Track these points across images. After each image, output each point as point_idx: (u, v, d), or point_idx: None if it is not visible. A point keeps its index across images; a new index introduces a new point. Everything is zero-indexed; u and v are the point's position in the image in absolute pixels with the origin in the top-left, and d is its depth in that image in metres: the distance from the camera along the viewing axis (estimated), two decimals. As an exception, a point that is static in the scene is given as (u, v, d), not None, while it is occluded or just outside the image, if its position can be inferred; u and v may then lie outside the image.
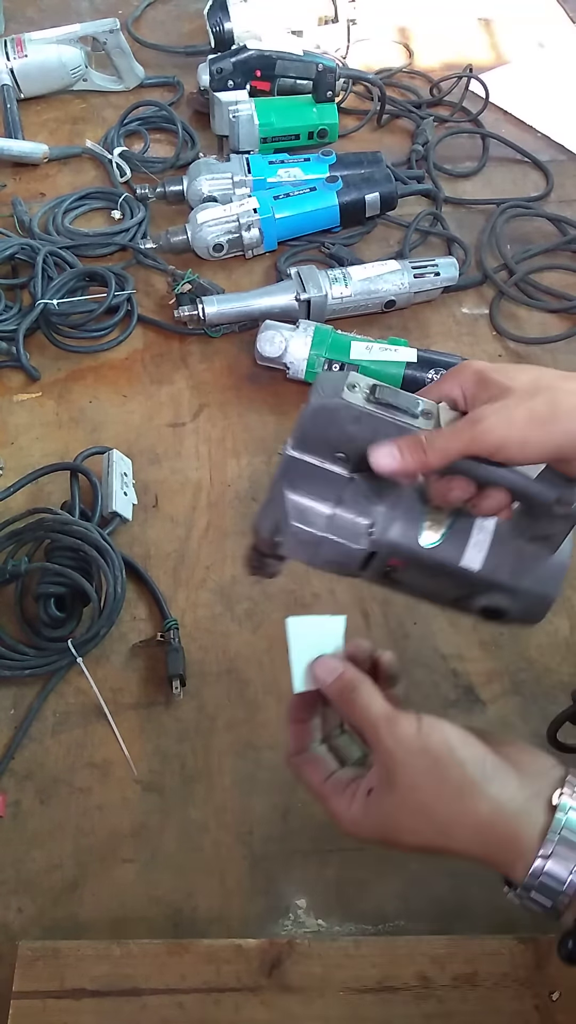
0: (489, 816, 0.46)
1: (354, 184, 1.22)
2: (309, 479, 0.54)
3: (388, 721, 0.49)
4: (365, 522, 0.55)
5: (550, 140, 1.41)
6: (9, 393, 1.07)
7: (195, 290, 1.12)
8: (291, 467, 0.54)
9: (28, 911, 0.71)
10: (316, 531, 0.55)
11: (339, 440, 0.52)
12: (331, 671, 0.52)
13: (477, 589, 0.55)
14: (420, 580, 0.56)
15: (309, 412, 0.51)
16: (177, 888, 0.72)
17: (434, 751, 0.47)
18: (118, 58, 1.46)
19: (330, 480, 0.54)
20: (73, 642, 0.82)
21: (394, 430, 0.50)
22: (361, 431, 0.51)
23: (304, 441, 0.53)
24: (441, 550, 0.54)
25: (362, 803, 0.49)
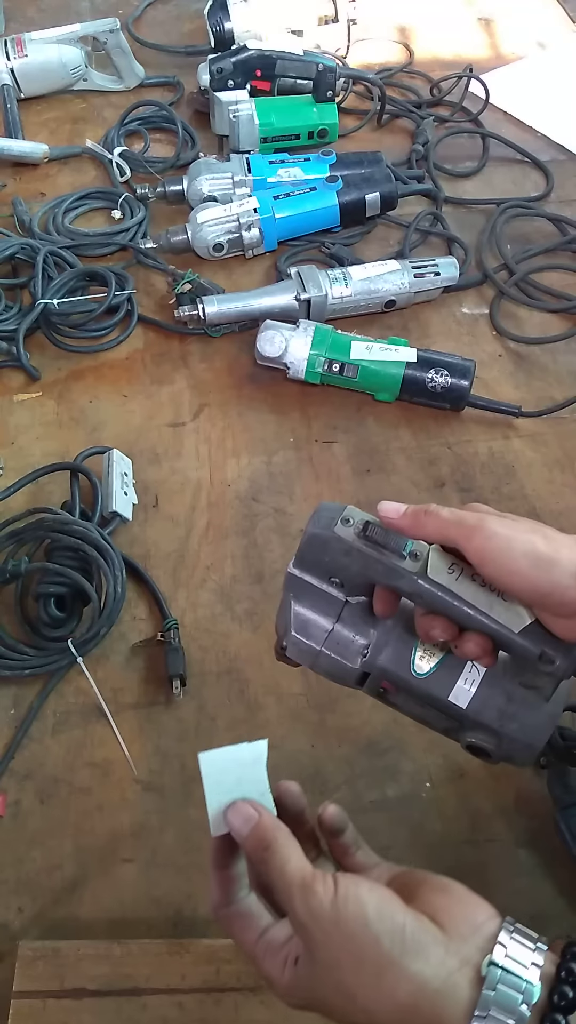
0: (410, 998, 0.42)
1: (354, 184, 1.22)
2: (309, 596, 0.57)
3: (302, 890, 0.44)
4: (361, 642, 0.57)
5: (550, 140, 1.41)
6: (9, 393, 1.07)
7: (195, 290, 1.12)
8: (292, 583, 0.58)
9: (28, 911, 0.71)
10: (315, 644, 0.58)
11: (332, 567, 0.55)
12: (246, 820, 0.48)
13: (464, 725, 0.56)
14: (411, 706, 0.59)
15: (305, 539, 0.55)
16: (177, 888, 0.72)
17: (348, 926, 0.43)
18: (118, 58, 1.46)
19: (328, 600, 0.57)
20: (73, 642, 0.82)
21: (381, 567, 0.53)
22: (351, 563, 0.54)
23: (302, 562, 0.56)
24: (430, 682, 0.56)
25: (292, 971, 0.45)
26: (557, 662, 0.50)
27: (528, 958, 0.43)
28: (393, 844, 0.73)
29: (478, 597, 0.51)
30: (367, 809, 0.76)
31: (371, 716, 0.81)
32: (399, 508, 0.52)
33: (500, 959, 0.42)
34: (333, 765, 0.78)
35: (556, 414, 1.03)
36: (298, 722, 0.81)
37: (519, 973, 0.42)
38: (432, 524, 0.51)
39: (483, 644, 0.51)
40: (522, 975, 0.42)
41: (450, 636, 0.52)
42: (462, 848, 0.74)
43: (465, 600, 0.51)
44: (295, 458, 1.01)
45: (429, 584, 0.51)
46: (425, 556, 0.52)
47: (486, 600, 0.51)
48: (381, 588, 0.55)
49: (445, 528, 0.50)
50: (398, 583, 0.52)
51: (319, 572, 0.56)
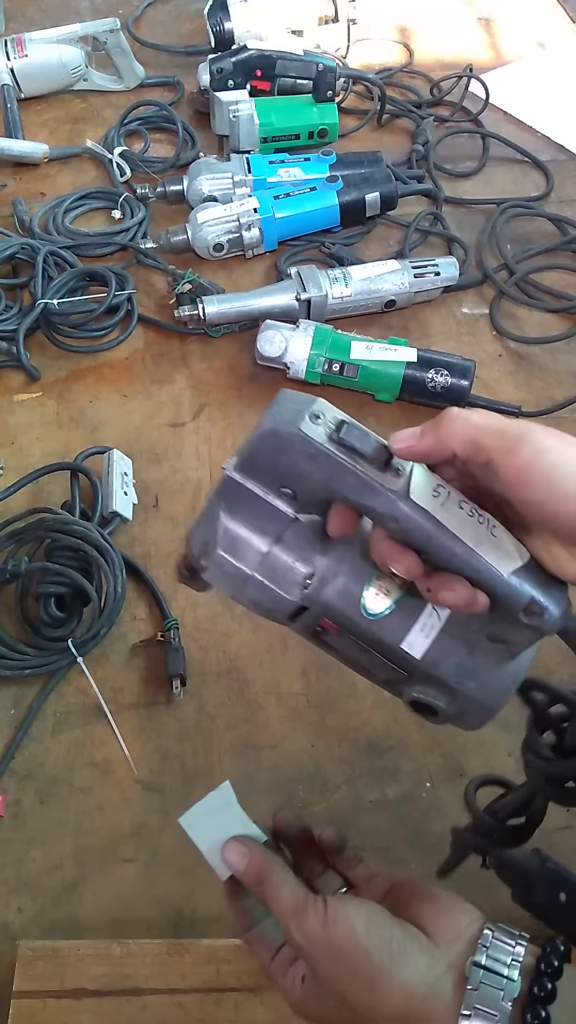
0: (402, 1004, 0.45)
1: (354, 184, 1.22)
2: (248, 507, 0.47)
3: (295, 915, 0.48)
4: (303, 571, 0.48)
5: (550, 140, 1.41)
6: (9, 393, 1.07)
7: (195, 290, 1.12)
8: (230, 489, 0.47)
9: (28, 911, 0.71)
10: (245, 567, 0.48)
11: (288, 475, 0.45)
12: (240, 857, 0.51)
13: (413, 678, 0.48)
14: (351, 651, 0.50)
15: (259, 434, 0.44)
16: (177, 888, 0.72)
17: (339, 944, 0.46)
18: (118, 58, 1.46)
19: (271, 514, 0.47)
20: (73, 642, 0.82)
21: (353, 480, 0.43)
22: (314, 471, 0.43)
23: (249, 465, 0.46)
24: (382, 625, 0.48)
25: (301, 988, 0.49)
26: (545, 614, 0.42)
27: (508, 956, 0.45)
28: (393, 844, 0.73)
29: (465, 529, 0.42)
30: (367, 809, 0.76)
31: (371, 716, 0.81)
32: (414, 431, 0.42)
33: (482, 959, 0.45)
34: (333, 765, 0.78)
35: (556, 414, 1.03)
36: (298, 722, 0.81)
37: (500, 971, 0.45)
38: (461, 431, 0.41)
39: (462, 591, 0.43)
40: (503, 972, 0.44)
41: (418, 574, 0.43)
42: (462, 848, 0.74)
43: (451, 532, 0.42)
44: (295, 458, 1.01)
45: (410, 508, 0.42)
46: (408, 473, 0.43)
47: (473, 534, 0.43)
48: (344, 505, 0.45)
49: (478, 435, 0.40)
50: (371, 502, 0.43)
51: (267, 479, 0.46)
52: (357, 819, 0.75)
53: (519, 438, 0.40)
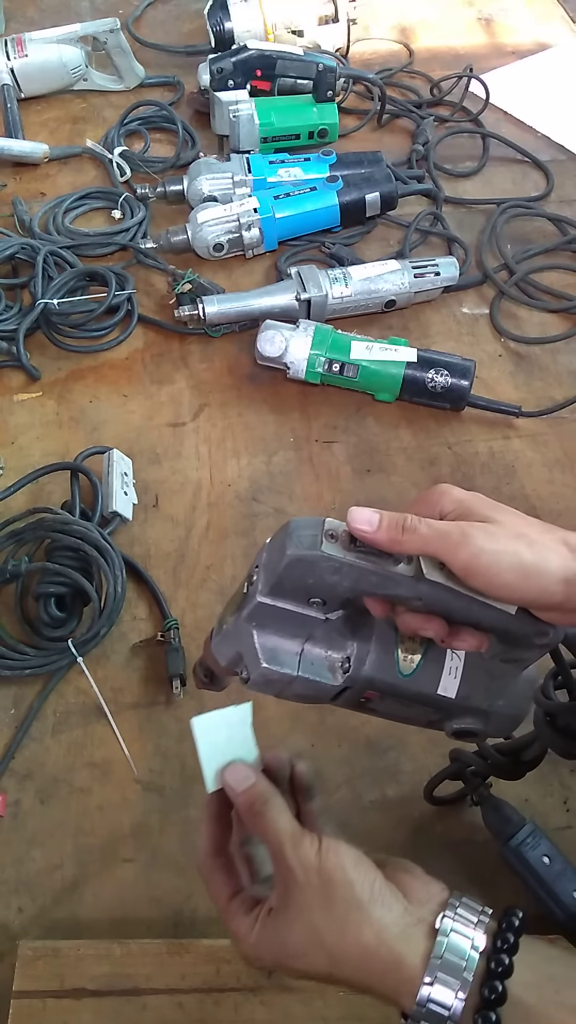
0: (373, 940, 0.46)
1: (354, 184, 1.22)
2: (280, 621, 0.52)
3: (292, 839, 0.49)
4: (339, 656, 0.54)
5: (550, 140, 1.41)
6: (9, 393, 1.07)
7: (195, 290, 1.12)
8: (261, 612, 0.52)
9: (28, 911, 0.71)
10: (289, 671, 0.53)
11: (316, 589, 0.50)
12: (242, 780, 0.52)
13: (452, 713, 0.55)
14: (394, 709, 0.56)
15: (285, 563, 0.49)
16: (177, 888, 0.72)
17: (327, 872, 0.48)
18: (118, 58, 1.46)
19: (303, 622, 0.53)
20: (73, 642, 0.82)
21: (376, 579, 0.49)
22: (341, 580, 0.49)
23: (279, 589, 0.51)
24: (418, 680, 0.54)
25: (262, 923, 0.50)
26: (551, 634, 0.51)
27: (475, 916, 0.48)
28: (393, 844, 0.73)
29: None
30: (367, 809, 0.76)
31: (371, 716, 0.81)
32: (372, 519, 0.48)
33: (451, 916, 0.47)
34: (333, 765, 0.78)
35: (556, 414, 1.03)
36: (298, 722, 0.81)
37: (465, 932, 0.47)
38: (412, 542, 0.48)
39: (472, 638, 0.51)
40: (467, 933, 0.47)
41: (444, 634, 0.51)
42: (462, 848, 0.74)
43: (464, 594, 0.48)
44: (295, 458, 1.01)
45: (428, 586, 0.49)
46: (417, 561, 0.50)
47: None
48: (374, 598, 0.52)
49: (427, 545, 0.48)
50: (395, 591, 0.49)
51: (298, 596, 0.51)
52: (357, 819, 0.75)
53: (459, 545, 0.47)
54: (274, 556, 0.51)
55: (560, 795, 0.76)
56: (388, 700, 0.55)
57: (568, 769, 0.77)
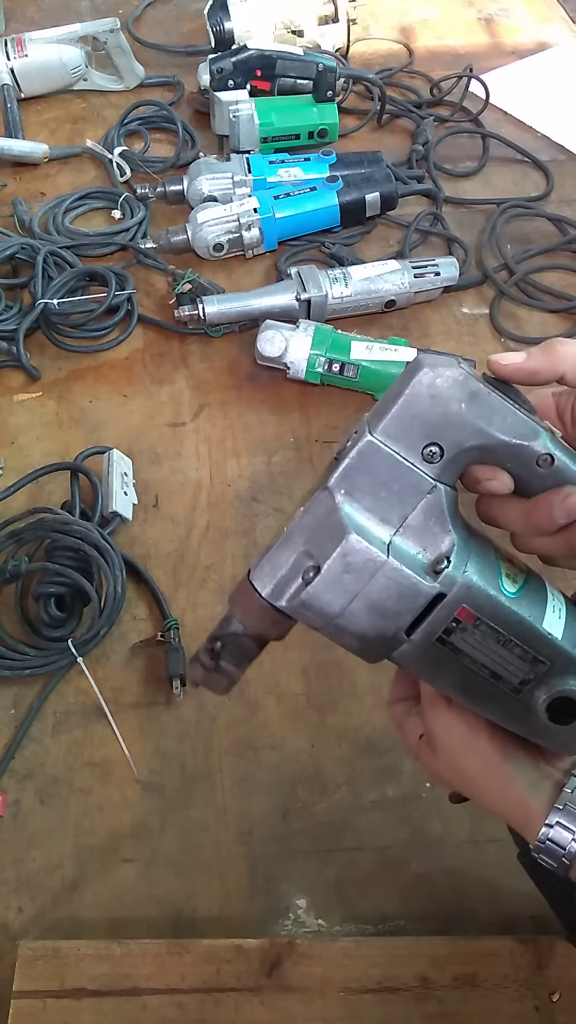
0: (505, 783, 0.51)
1: (354, 184, 1.22)
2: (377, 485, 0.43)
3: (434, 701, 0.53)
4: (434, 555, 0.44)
5: (550, 140, 1.41)
6: (9, 393, 1.07)
7: (195, 290, 1.12)
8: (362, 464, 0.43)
9: (28, 911, 0.71)
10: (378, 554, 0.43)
11: (442, 424, 0.42)
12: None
13: (554, 667, 0.46)
14: (486, 648, 0.45)
15: (419, 378, 0.42)
16: (177, 888, 0.72)
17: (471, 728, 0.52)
18: (118, 58, 1.46)
19: (405, 487, 0.43)
20: (73, 642, 0.82)
21: (511, 416, 0.42)
22: (471, 413, 0.42)
23: (399, 422, 0.43)
24: (521, 602, 0.45)
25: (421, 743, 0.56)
26: None
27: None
28: (393, 844, 0.73)
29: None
30: (367, 809, 0.76)
31: (371, 716, 0.81)
32: (519, 354, 0.45)
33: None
34: (333, 765, 0.78)
35: (556, 414, 1.03)
36: (298, 722, 0.81)
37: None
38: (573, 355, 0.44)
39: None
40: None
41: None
42: (462, 848, 0.74)
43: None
44: (295, 458, 1.01)
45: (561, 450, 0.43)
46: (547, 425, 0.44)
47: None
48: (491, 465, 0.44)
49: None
50: (529, 440, 0.42)
51: (416, 435, 0.43)
52: (357, 819, 0.75)
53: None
54: (395, 389, 0.43)
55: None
56: (482, 631, 0.45)
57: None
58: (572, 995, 0.63)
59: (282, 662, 0.84)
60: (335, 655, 0.85)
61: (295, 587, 0.45)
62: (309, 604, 0.44)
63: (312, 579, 0.43)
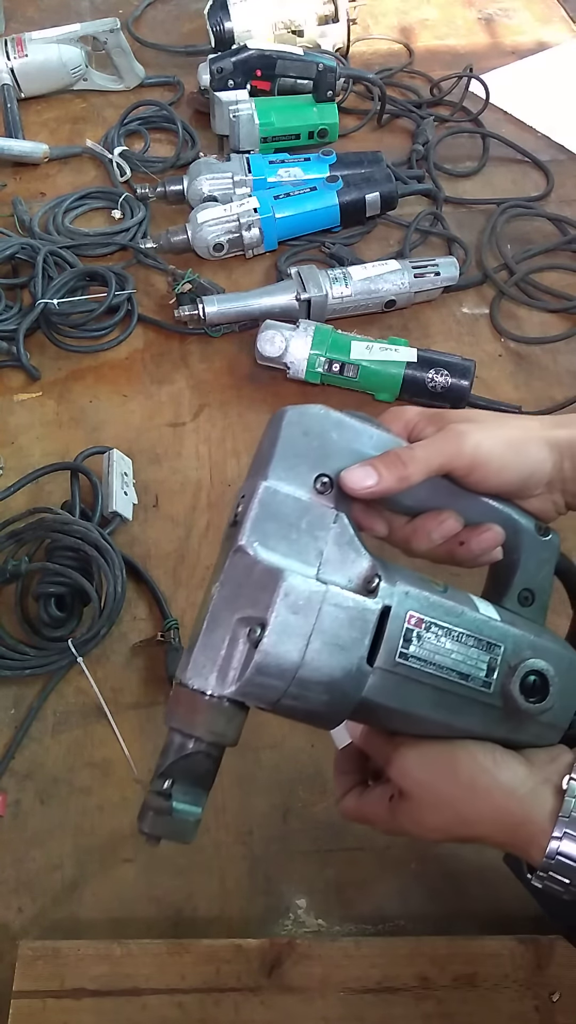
0: (502, 801, 0.48)
1: (354, 184, 1.22)
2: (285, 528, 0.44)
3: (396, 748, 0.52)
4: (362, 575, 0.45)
5: (550, 140, 1.41)
6: (9, 393, 1.07)
7: (195, 290, 1.12)
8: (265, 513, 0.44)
9: (28, 911, 0.71)
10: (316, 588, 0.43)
11: (322, 454, 0.46)
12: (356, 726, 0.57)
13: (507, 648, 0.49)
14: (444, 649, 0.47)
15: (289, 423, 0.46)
16: (177, 888, 0.72)
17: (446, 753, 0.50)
18: (118, 58, 1.46)
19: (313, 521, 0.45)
20: (73, 642, 0.82)
21: (376, 434, 0.48)
22: (343, 438, 0.47)
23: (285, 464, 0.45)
24: (455, 596, 0.49)
25: (391, 811, 0.53)
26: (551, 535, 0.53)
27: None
28: (393, 844, 0.73)
29: None
30: (367, 809, 0.76)
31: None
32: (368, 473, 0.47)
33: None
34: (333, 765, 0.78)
35: (556, 414, 1.03)
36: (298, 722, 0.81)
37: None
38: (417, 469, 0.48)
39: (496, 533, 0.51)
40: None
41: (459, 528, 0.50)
42: (462, 848, 0.73)
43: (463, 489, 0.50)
44: (295, 458, 1.01)
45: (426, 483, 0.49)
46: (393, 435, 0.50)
47: None
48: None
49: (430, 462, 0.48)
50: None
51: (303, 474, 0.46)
52: (357, 819, 0.75)
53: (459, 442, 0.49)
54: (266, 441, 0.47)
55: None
56: (435, 633, 0.47)
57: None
58: (572, 995, 0.63)
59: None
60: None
61: (240, 662, 0.43)
62: (265, 667, 0.42)
63: (260, 636, 0.42)
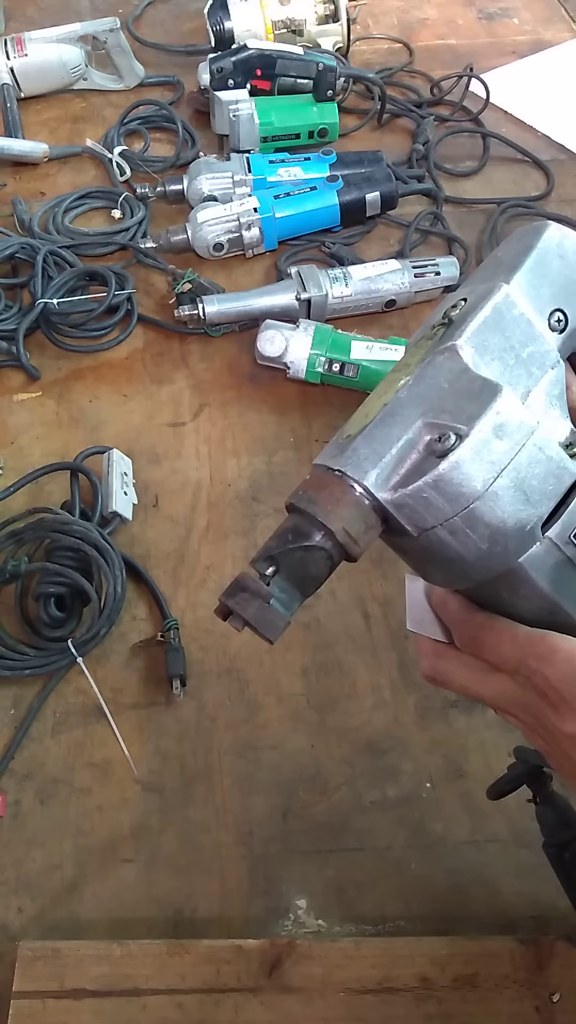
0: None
1: (355, 183, 1.22)
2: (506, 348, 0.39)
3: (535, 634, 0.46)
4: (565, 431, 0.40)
5: (551, 139, 1.40)
6: (9, 393, 1.07)
7: (195, 289, 1.12)
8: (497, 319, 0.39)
9: (28, 911, 0.71)
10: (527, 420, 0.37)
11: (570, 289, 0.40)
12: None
13: None
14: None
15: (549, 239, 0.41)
16: (177, 888, 0.72)
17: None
18: (118, 57, 1.46)
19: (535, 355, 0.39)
20: (73, 642, 0.82)
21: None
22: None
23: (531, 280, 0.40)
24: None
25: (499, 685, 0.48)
26: None
27: None
28: (393, 844, 0.73)
29: None
30: (367, 809, 0.76)
31: (371, 716, 0.81)
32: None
33: None
34: (333, 765, 0.78)
35: None
36: (298, 722, 0.81)
37: None
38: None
39: None
40: None
41: None
42: (462, 848, 0.74)
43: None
44: (295, 458, 1.01)
45: None
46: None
47: None
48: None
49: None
50: None
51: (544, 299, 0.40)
52: (357, 819, 0.75)
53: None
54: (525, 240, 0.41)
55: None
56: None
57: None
58: (572, 995, 0.63)
59: (282, 662, 0.84)
60: (335, 655, 0.85)
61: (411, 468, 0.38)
62: (445, 482, 0.37)
63: (452, 447, 0.36)
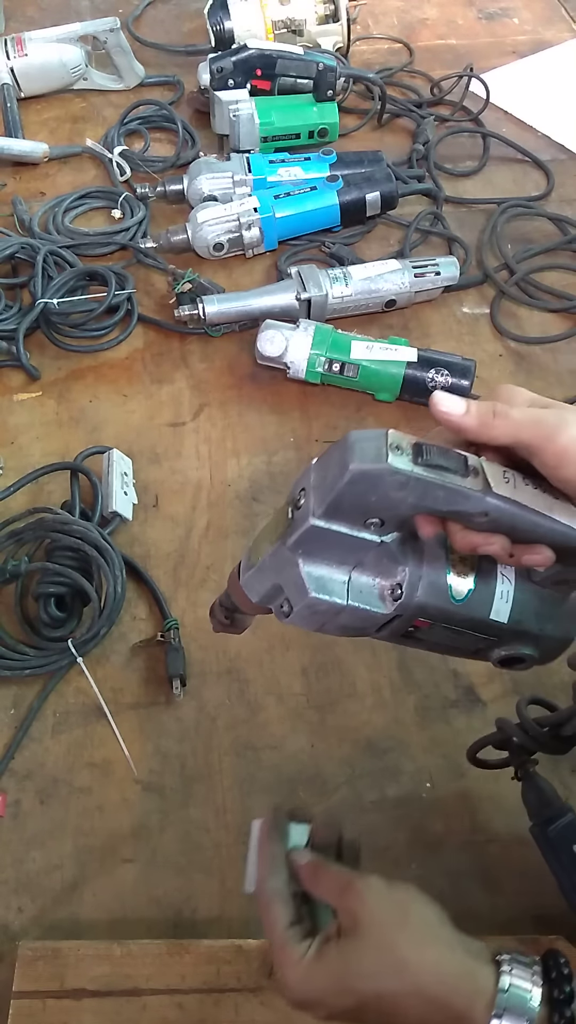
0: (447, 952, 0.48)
1: (355, 183, 1.22)
2: (329, 547, 0.49)
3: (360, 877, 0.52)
4: (388, 583, 0.50)
5: (550, 139, 1.40)
6: (9, 393, 1.07)
7: (195, 289, 1.12)
8: (310, 537, 0.48)
9: (28, 911, 0.71)
10: (338, 600, 0.50)
11: (377, 507, 0.47)
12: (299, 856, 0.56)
13: (502, 640, 0.53)
14: (442, 638, 0.53)
15: (348, 479, 0.45)
16: (177, 888, 0.72)
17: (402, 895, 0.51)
18: (118, 57, 1.46)
19: (353, 546, 0.49)
20: (73, 642, 0.82)
21: (443, 494, 0.45)
22: (406, 497, 0.46)
23: (335, 509, 0.47)
24: (471, 605, 0.51)
25: (316, 951, 0.50)
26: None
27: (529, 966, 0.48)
28: (393, 844, 0.73)
29: (537, 502, 0.46)
30: (367, 809, 0.76)
31: (371, 716, 0.81)
32: (459, 403, 0.47)
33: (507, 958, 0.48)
34: (333, 765, 0.78)
35: (556, 414, 1.03)
36: (298, 722, 0.81)
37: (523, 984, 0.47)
38: (504, 427, 0.46)
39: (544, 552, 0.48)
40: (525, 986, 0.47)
41: (508, 549, 0.48)
42: (462, 848, 0.74)
43: (532, 509, 0.46)
44: (295, 458, 1.01)
45: (497, 500, 0.45)
46: (481, 469, 0.46)
47: (545, 504, 0.47)
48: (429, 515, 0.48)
49: (519, 431, 0.46)
50: (463, 507, 0.46)
51: (355, 517, 0.47)
52: (357, 819, 0.75)
53: (556, 429, 0.45)
54: (331, 473, 0.47)
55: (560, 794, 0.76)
56: (438, 629, 0.52)
57: (569, 769, 0.77)
58: (572, 996, 0.63)
59: (282, 662, 0.84)
60: (335, 655, 0.85)
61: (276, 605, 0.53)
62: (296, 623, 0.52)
63: (288, 612, 0.51)
